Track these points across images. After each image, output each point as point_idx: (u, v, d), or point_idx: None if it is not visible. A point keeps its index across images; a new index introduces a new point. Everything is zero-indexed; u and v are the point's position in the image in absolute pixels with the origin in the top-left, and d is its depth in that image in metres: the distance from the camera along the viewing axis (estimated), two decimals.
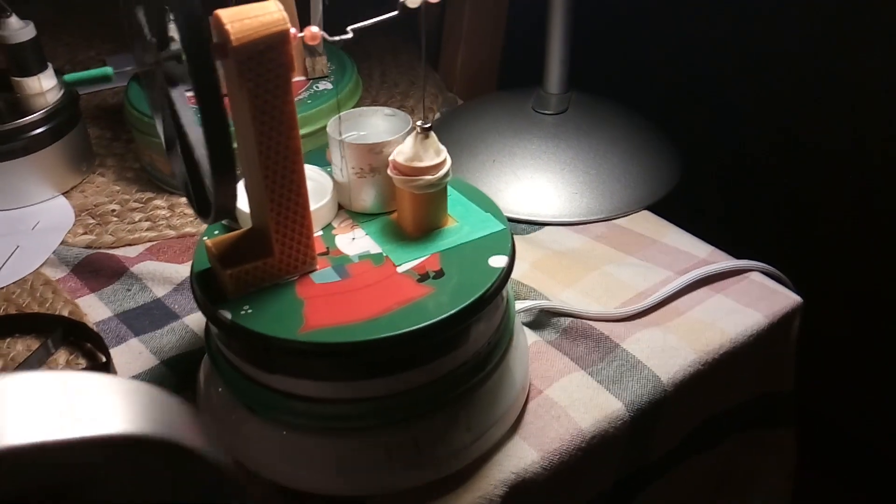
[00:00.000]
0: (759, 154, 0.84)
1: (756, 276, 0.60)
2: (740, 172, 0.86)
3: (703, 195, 0.81)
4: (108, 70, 0.32)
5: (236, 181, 0.37)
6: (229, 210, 0.38)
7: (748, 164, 0.85)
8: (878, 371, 0.81)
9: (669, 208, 0.69)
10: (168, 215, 0.68)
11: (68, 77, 0.31)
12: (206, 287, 0.43)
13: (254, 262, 0.42)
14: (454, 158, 0.51)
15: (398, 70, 0.91)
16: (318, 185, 0.49)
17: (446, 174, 0.45)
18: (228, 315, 0.41)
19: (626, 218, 0.68)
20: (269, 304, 0.42)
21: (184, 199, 0.70)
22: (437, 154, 0.45)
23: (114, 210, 0.69)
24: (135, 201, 0.70)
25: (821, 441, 0.85)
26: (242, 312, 0.41)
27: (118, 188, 0.73)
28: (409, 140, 0.45)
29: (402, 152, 0.45)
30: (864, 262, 0.78)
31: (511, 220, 0.67)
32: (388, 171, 0.46)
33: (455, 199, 0.50)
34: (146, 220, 0.68)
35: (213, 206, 0.37)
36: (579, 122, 0.72)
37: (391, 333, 0.40)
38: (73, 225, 0.68)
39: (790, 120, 0.80)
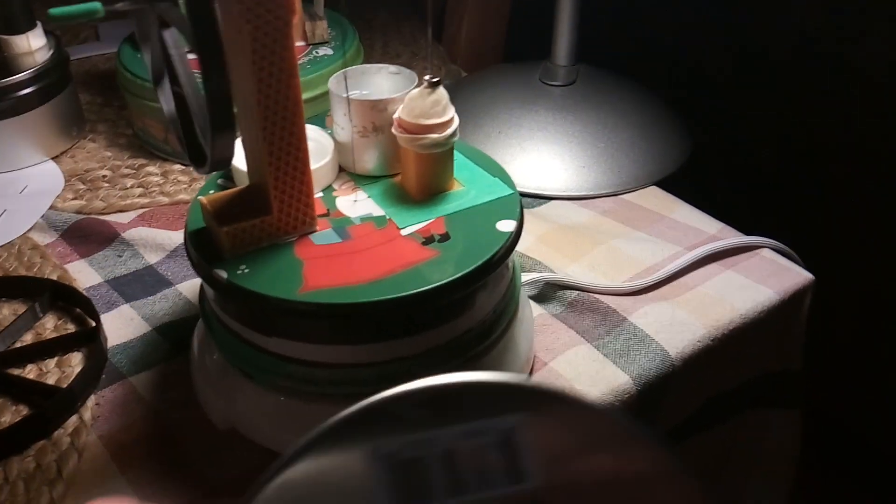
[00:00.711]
0: (770, 132, 0.82)
1: (767, 253, 0.59)
2: (750, 151, 0.84)
3: (713, 173, 0.79)
4: (97, 5, 0.30)
5: (235, 131, 0.35)
6: (226, 161, 0.36)
7: (758, 143, 0.84)
8: (884, 363, 0.80)
9: (678, 185, 0.67)
10: (161, 182, 0.66)
11: (53, 11, 0.29)
12: (201, 247, 0.41)
13: (251, 220, 0.40)
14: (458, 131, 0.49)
15: (400, 41, 0.89)
16: (318, 145, 0.47)
17: (454, 133, 0.43)
18: (224, 274, 0.39)
19: (633, 193, 0.66)
20: (267, 264, 0.40)
21: (178, 167, 0.68)
22: (444, 112, 0.43)
23: (105, 176, 0.67)
24: (127, 167, 0.68)
25: (825, 437, 0.84)
26: (239, 272, 0.39)
27: (109, 154, 0.70)
28: (416, 96, 0.43)
29: (407, 109, 0.43)
30: (876, 242, 0.76)
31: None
32: (393, 130, 0.44)
33: (461, 164, 0.48)
34: (138, 187, 0.66)
35: (209, 159, 0.35)
36: (587, 94, 0.70)
37: (394, 296, 0.38)
38: (63, 190, 0.66)
39: (801, 98, 0.78)
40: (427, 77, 0.42)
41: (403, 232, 0.42)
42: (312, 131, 0.48)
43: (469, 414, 0.18)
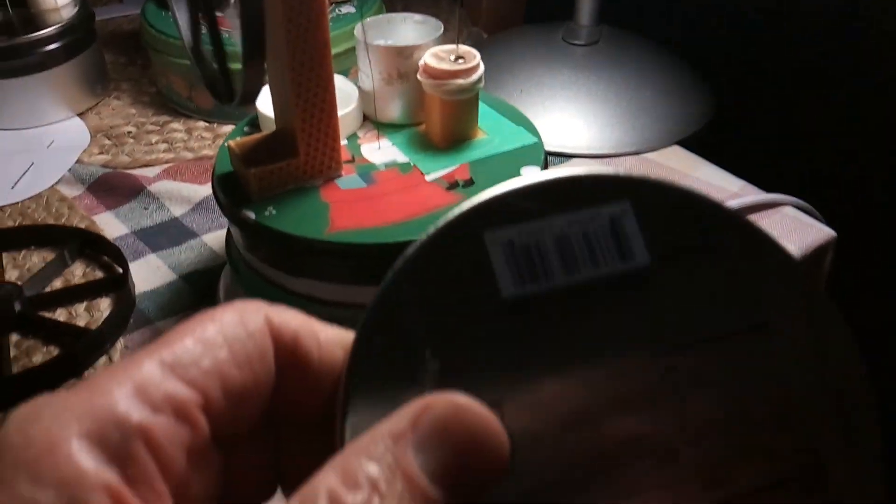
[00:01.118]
0: (792, 92, 0.82)
1: (789, 210, 0.58)
2: (774, 110, 0.84)
3: (737, 132, 0.79)
4: None
5: (265, 60, 0.35)
6: (255, 94, 0.36)
7: (783, 102, 0.83)
8: None
9: (701, 145, 0.67)
10: (185, 138, 0.67)
11: None
12: (228, 189, 0.42)
13: (278, 163, 0.41)
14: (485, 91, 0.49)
15: (422, 2, 0.89)
16: (342, 93, 0.47)
17: (479, 79, 0.44)
18: (252, 216, 0.40)
19: (656, 153, 0.66)
20: (294, 206, 0.40)
21: (202, 123, 0.68)
22: (470, 58, 0.43)
23: (130, 132, 0.68)
24: (151, 124, 0.69)
25: None
26: (267, 213, 0.40)
27: (134, 111, 0.71)
28: (442, 45, 0.43)
29: (433, 56, 0.43)
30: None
31: None
32: (418, 76, 0.44)
33: (485, 113, 0.48)
34: (163, 143, 0.66)
35: (240, 89, 0.35)
36: (611, 54, 0.70)
37: None
38: (89, 145, 0.66)
39: (823, 57, 0.78)
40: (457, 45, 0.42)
41: (428, 178, 0.43)
42: (337, 80, 0.48)
43: (578, 203, 0.20)
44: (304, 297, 0.41)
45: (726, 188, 0.60)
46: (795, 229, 0.56)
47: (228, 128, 0.67)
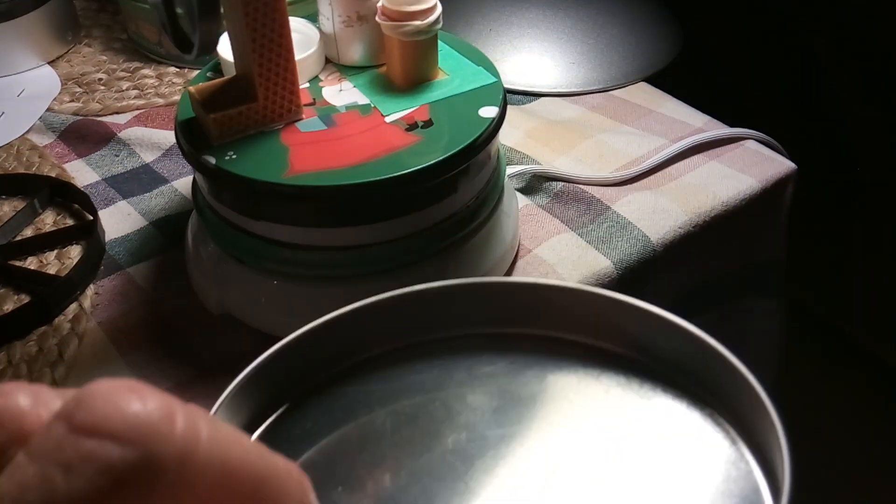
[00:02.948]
0: (761, 26, 0.82)
1: (751, 144, 0.59)
2: (741, 44, 0.84)
3: (702, 69, 0.79)
4: None
5: (220, 14, 0.36)
6: (212, 46, 0.37)
7: (750, 37, 0.83)
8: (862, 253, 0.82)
9: (667, 81, 0.68)
10: (156, 84, 0.67)
11: None
12: (190, 135, 0.42)
13: (238, 108, 0.41)
14: (448, 29, 0.50)
15: None
16: (304, 36, 0.48)
17: (437, 20, 0.44)
18: (213, 160, 0.40)
19: (622, 89, 0.66)
20: (253, 150, 0.41)
21: (172, 69, 0.68)
22: None
23: (101, 79, 0.68)
24: (122, 71, 0.69)
25: (806, 329, 0.86)
26: (227, 158, 0.41)
27: (105, 58, 0.71)
28: None
29: None
30: (865, 137, 0.77)
31: (507, 91, 0.65)
32: (377, 18, 0.44)
33: (446, 53, 0.48)
34: (134, 89, 0.66)
35: (196, 43, 0.36)
36: None
37: (377, 178, 0.39)
38: (60, 93, 0.66)
39: None
40: None
41: (388, 119, 0.43)
42: (298, 23, 0.48)
43: None
44: (267, 240, 0.42)
45: (690, 123, 0.61)
46: (756, 162, 0.57)
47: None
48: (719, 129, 0.60)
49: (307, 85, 0.46)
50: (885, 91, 0.74)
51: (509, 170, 0.54)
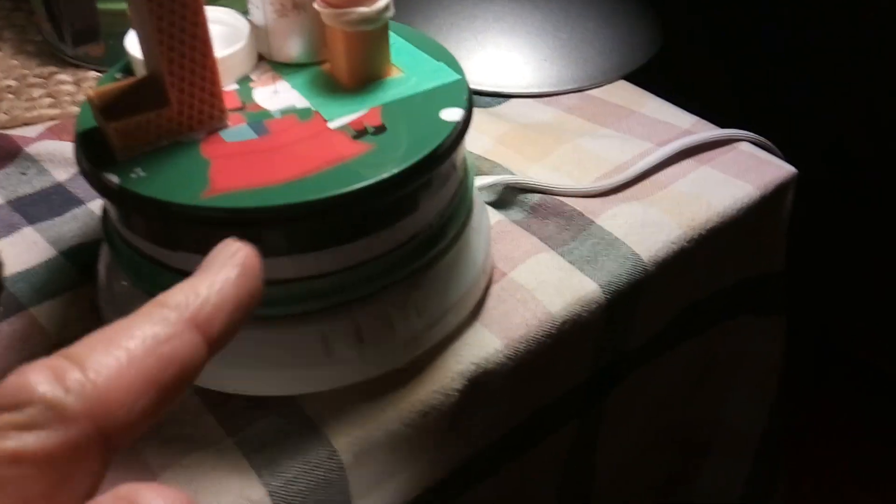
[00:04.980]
0: (748, 17, 0.76)
1: (745, 147, 0.53)
2: (726, 38, 0.78)
3: (686, 64, 0.73)
4: None
5: None
6: (89, 34, 0.29)
7: (733, 30, 0.78)
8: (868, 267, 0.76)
9: (649, 79, 0.61)
10: (73, 91, 0.59)
11: None
12: (90, 149, 0.35)
13: (146, 114, 0.34)
14: (405, 23, 0.43)
15: None
16: (231, 29, 0.40)
17: (386, 7, 0.37)
18: (116, 179, 0.33)
19: (600, 88, 0.60)
20: (167, 165, 0.34)
21: (92, 73, 0.61)
22: None
23: (10, 86, 0.60)
24: (35, 76, 0.61)
25: (808, 345, 0.81)
26: (133, 176, 0.33)
27: (16, 62, 0.63)
28: None
29: None
30: (857, 132, 0.71)
31: (473, 92, 0.58)
32: (315, 5, 0.37)
33: (400, 47, 0.41)
34: (48, 97, 0.58)
35: (67, 29, 0.28)
36: None
37: (318, 197, 0.32)
38: None
39: None
40: None
41: (331, 125, 0.36)
42: (224, 14, 0.41)
43: None
44: (187, 273, 0.35)
45: (677, 125, 0.55)
46: (752, 167, 0.51)
47: None
48: (710, 131, 0.53)
49: (235, 87, 0.39)
50: (878, 88, 0.69)
51: (478, 181, 0.48)
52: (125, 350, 0.18)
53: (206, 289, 0.19)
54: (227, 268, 0.20)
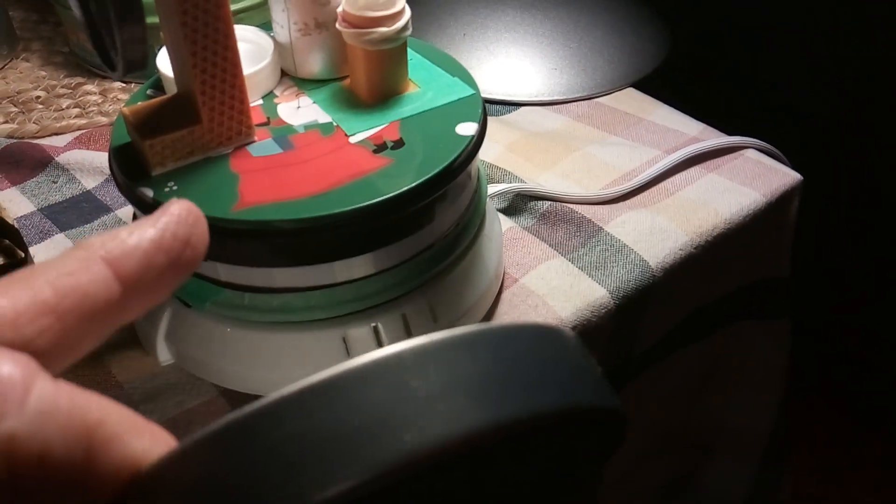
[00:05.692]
0: (754, 26, 0.78)
1: (751, 154, 0.55)
2: (732, 47, 0.80)
3: (693, 72, 0.74)
4: None
5: (143, 22, 0.30)
6: (139, 62, 0.31)
7: (740, 38, 0.79)
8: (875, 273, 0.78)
9: (656, 87, 0.63)
10: (100, 101, 0.61)
11: None
12: (125, 164, 0.37)
13: (178, 131, 0.36)
14: (419, 34, 0.45)
15: None
16: (256, 47, 0.42)
17: (405, 27, 0.39)
18: (150, 193, 0.35)
19: (609, 96, 0.61)
20: (198, 179, 0.36)
21: (118, 84, 0.63)
22: (393, 2, 0.38)
23: (39, 97, 0.62)
24: (63, 87, 0.63)
25: (812, 348, 0.82)
26: (167, 190, 0.35)
27: (44, 73, 0.65)
28: None
29: (352, 1, 0.38)
30: (863, 141, 0.73)
31: (484, 100, 0.60)
32: (338, 25, 0.39)
33: (417, 63, 0.43)
34: (75, 107, 0.61)
35: (120, 59, 0.30)
36: None
37: (341, 209, 0.34)
38: None
39: None
40: None
41: (352, 139, 0.38)
42: (249, 32, 0.43)
43: None
44: (217, 282, 0.37)
45: (684, 132, 0.57)
46: (759, 174, 0.53)
47: None
48: (716, 138, 0.55)
49: (260, 102, 0.41)
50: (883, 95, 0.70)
51: (490, 189, 0.49)
52: (29, 281, 0.18)
53: (126, 233, 0.20)
54: (153, 217, 0.21)
